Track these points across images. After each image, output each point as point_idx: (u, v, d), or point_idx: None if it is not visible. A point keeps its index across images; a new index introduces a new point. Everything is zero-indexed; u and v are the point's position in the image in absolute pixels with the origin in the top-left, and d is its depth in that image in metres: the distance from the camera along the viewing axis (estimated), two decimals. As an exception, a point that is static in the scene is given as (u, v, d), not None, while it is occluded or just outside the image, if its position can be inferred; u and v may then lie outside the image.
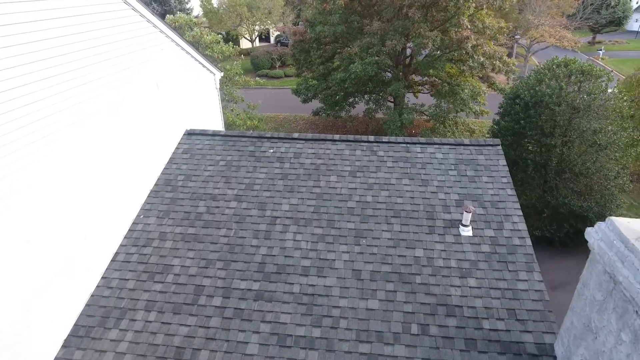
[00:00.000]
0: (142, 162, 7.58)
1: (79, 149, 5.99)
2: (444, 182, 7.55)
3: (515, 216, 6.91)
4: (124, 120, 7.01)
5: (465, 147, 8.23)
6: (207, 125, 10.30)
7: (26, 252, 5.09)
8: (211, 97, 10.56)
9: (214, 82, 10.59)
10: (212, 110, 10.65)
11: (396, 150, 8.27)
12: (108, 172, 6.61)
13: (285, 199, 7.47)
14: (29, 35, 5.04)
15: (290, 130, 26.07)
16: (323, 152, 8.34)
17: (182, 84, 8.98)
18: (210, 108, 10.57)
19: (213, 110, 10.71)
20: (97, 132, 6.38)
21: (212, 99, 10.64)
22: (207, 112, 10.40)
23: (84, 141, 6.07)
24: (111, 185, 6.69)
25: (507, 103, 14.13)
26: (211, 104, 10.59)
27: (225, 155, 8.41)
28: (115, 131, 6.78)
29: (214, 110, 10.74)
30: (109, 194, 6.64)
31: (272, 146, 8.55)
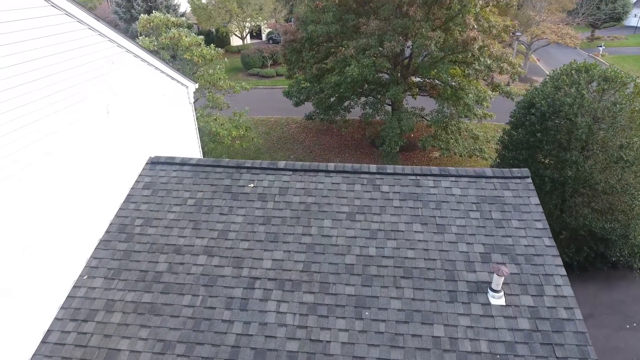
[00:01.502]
0: (90, 203, 6.04)
1: (6, 196, 4.47)
2: (464, 229, 6.09)
3: (558, 276, 5.47)
4: (62, 156, 5.47)
5: (487, 179, 6.77)
6: (179, 148, 8.76)
7: None
8: (184, 113, 9.01)
9: (187, 96, 9.03)
10: (185, 129, 9.10)
11: (404, 184, 6.79)
12: (44, 220, 5.08)
13: (268, 251, 5.97)
14: None
15: (282, 135, 24.54)
16: (315, 186, 6.84)
17: (144, 102, 7.42)
18: (183, 126, 9.02)
19: (186, 128, 9.16)
20: (29, 174, 4.84)
21: (185, 116, 9.08)
22: (179, 131, 8.85)
23: (11, 186, 4.53)
24: (47, 238, 5.16)
25: (521, 113, 12.68)
26: (184, 121, 9.03)
27: (195, 192, 6.88)
28: (51, 170, 5.24)
29: (187, 128, 9.19)
30: (44, 249, 5.11)
31: (252, 179, 7.03)
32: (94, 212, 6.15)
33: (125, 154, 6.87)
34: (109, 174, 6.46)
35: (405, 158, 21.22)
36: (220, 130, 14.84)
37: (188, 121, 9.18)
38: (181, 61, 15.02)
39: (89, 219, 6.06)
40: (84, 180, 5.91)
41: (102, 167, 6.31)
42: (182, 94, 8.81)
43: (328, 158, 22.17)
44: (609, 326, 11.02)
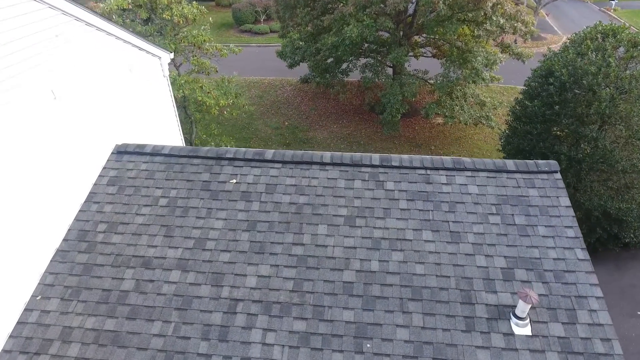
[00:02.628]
0: (44, 206, 5.08)
1: None
2: (482, 237, 5.20)
3: (593, 299, 4.65)
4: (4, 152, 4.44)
5: (509, 175, 5.80)
6: (155, 129, 7.67)
7: None
8: (158, 89, 7.83)
9: (161, 69, 7.81)
10: (160, 107, 7.95)
11: (411, 179, 5.81)
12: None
13: (252, 265, 5.09)
14: None
15: (276, 99, 23.12)
16: (308, 182, 5.86)
17: (105, 80, 6.25)
18: (158, 104, 7.87)
19: (162, 106, 8.02)
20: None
21: (160, 92, 7.91)
22: (154, 110, 7.72)
23: None
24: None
25: (537, 82, 11.47)
26: (158, 98, 7.88)
27: (168, 189, 5.90)
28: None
29: (163, 106, 8.05)
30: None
31: (234, 173, 6.03)
32: (48, 216, 5.20)
33: (84, 144, 5.82)
34: (65, 169, 5.45)
35: (406, 124, 20.06)
36: (207, 99, 13.57)
37: (164, 97, 8.02)
38: (161, 21, 13.47)
39: (43, 224, 5.12)
40: (33, 179, 4.90)
41: (56, 162, 5.28)
42: (155, 67, 7.59)
43: (325, 125, 20.98)
44: (619, 313, 10.51)
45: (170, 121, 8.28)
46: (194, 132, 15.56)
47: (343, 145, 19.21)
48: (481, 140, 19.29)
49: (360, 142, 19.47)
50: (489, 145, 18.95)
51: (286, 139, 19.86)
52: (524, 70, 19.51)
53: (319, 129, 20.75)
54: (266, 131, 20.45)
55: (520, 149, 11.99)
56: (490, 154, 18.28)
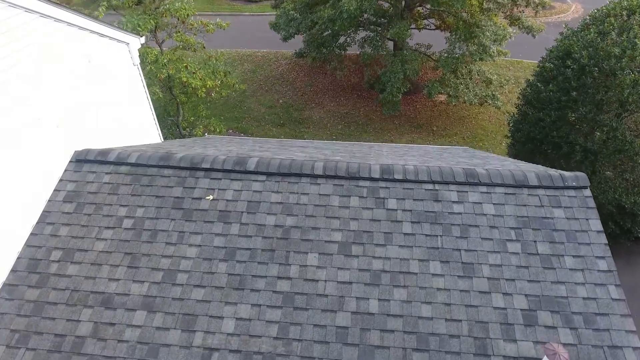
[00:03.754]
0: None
1: None
2: (500, 270, 4.44)
3: (629, 350, 3.95)
4: None
5: (530, 191, 4.98)
6: (126, 126, 6.76)
7: None
8: (127, 79, 6.85)
9: (130, 56, 6.80)
10: (131, 99, 7.00)
11: (417, 196, 4.99)
12: None
13: (230, 305, 4.35)
14: None
15: (270, 74, 21.86)
16: (296, 200, 5.04)
17: (56, 75, 5.30)
18: (128, 96, 6.92)
19: (133, 98, 7.06)
20: None
21: (130, 82, 6.94)
22: (123, 104, 6.77)
23: None
24: None
25: (554, 64, 10.43)
26: (128, 89, 6.91)
27: (134, 207, 5.07)
28: None
29: (134, 97, 7.09)
30: None
31: (211, 188, 5.19)
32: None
33: (35, 152, 4.95)
34: (13, 184, 4.61)
35: (407, 102, 19.00)
36: (193, 81, 12.50)
37: (135, 88, 7.05)
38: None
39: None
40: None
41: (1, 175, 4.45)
42: (121, 55, 6.59)
43: (321, 103, 19.90)
44: (629, 313, 9.99)
45: (144, 114, 7.35)
46: (181, 114, 14.55)
47: (340, 126, 18.24)
48: (486, 121, 18.32)
49: (358, 122, 18.49)
50: (493, 126, 18.00)
51: (280, 118, 18.84)
52: (530, 42, 18.29)
53: (315, 107, 19.69)
54: (259, 110, 19.39)
55: (530, 137, 11.11)
56: (495, 135, 17.38)
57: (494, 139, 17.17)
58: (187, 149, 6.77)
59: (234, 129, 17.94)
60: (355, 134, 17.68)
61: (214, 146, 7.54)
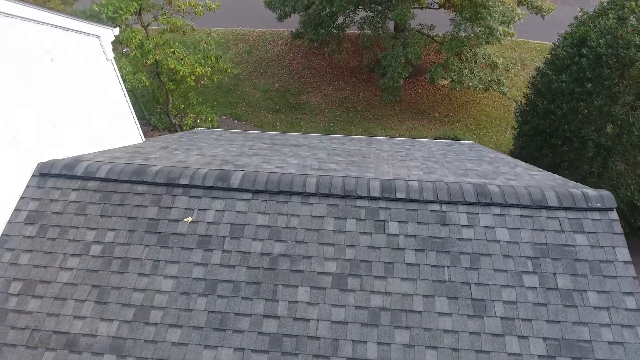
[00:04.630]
0: None
1: None
2: (515, 308, 3.93)
3: (663, 405, 3.49)
4: None
5: (549, 212, 4.42)
6: (98, 130, 6.13)
7: None
8: (99, 75, 6.18)
9: (102, 50, 6.10)
10: (105, 97, 6.35)
11: (422, 219, 4.43)
12: None
13: (210, 349, 3.85)
14: None
15: (265, 55, 20.90)
16: (286, 222, 4.48)
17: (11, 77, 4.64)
18: (101, 94, 6.26)
19: (108, 95, 6.40)
20: None
21: (103, 78, 6.27)
22: (96, 103, 6.12)
23: None
24: None
25: (567, 52, 9.69)
26: (101, 86, 6.25)
27: (104, 230, 4.51)
28: None
29: (109, 95, 6.43)
30: None
31: (190, 207, 4.61)
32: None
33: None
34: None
35: (408, 86, 18.20)
36: (181, 68, 11.72)
37: (109, 85, 6.38)
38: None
39: None
40: None
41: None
42: (92, 49, 5.89)
43: (319, 86, 19.09)
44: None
45: (121, 112, 6.69)
46: (170, 102, 13.82)
47: (338, 112, 17.52)
48: (490, 106, 17.58)
49: (357, 108, 17.75)
50: (498, 112, 17.29)
51: (276, 104, 18.08)
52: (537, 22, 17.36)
53: (313, 91, 18.89)
54: (254, 95, 18.60)
55: (539, 130, 10.48)
56: (500, 122, 16.70)
57: (499, 126, 16.50)
58: (168, 153, 6.17)
59: (228, 115, 17.20)
60: (353, 120, 16.98)
61: (199, 148, 6.92)
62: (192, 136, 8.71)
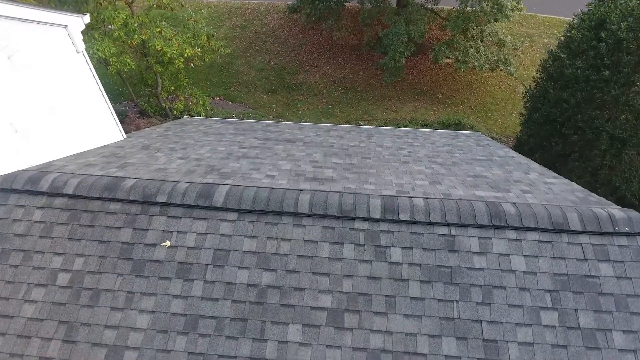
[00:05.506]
0: None
1: None
2: (531, 350, 3.51)
3: None
4: None
5: (571, 237, 3.94)
6: (69, 131, 5.55)
7: None
8: (70, 71, 5.55)
9: (71, 41, 5.45)
10: (76, 96, 5.74)
11: (428, 244, 3.95)
12: None
13: (190, 397, 3.45)
14: None
15: (261, 30, 19.87)
16: (275, 248, 4.00)
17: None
18: (72, 92, 5.65)
19: (79, 93, 5.80)
20: None
21: (74, 74, 5.64)
22: (65, 105, 5.52)
23: None
24: None
25: (583, 35, 8.95)
26: (72, 84, 5.63)
27: (73, 256, 4.04)
28: None
29: (81, 92, 5.82)
30: None
31: (168, 230, 4.12)
32: None
33: None
34: None
35: (410, 65, 17.35)
36: (168, 49, 10.94)
37: (81, 79, 5.76)
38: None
39: None
40: None
41: None
42: (59, 42, 5.24)
43: (317, 65, 18.23)
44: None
45: (97, 108, 6.10)
46: (159, 84, 13.08)
47: (337, 93, 16.76)
48: (495, 87, 16.82)
49: (357, 88, 16.97)
50: (503, 93, 16.55)
51: (272, 84, 17.28)
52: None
53: (310, 70, 18.05)
54: (249, 74, 17.75)
55: (550, 119, 9.87)
56: (505, 104, 16.00)
57: (504, 108, 15.81)
58: (149, 156, 5.62)
59: (222, 96, 16.45)
60: (352, 102, 16.25)
61: (184, 146, 6.36)
62: (179, 129, 8.12)
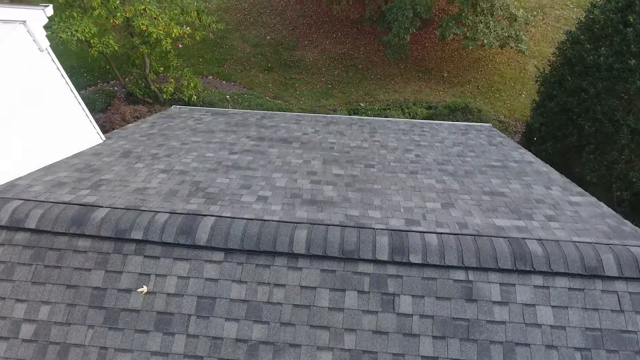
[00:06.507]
0: None
1: None
2: (559, 422, 3.09)
3: None
4: None
5: (605, 284, 3.44)
6: (37, 140, 4.94)
7: None
8: (33, 73, 4.87)
9: (32, 39, 4.74)
10: (43, 99, 5.08)
11: (441, 292, 3.46)
12: None
13: None
14: None
15: (256, 1, 18.67)
16: (267, 295, 3.50)
17: None
18: (37, 96, 4.99)
19: (46, 96, 5.14)
20: None
21: (38, 75, 4.96)
22: (29, 111, 4.87)
23: None
24: None
25: (609, 18, 8.12)
26: (37, 86, 4.96)
27: (37, 304, 3.54)
28: None
29: (48, 95, 5.16)
30: None
31: (145, 272, 3.60)
32: None
33: None
34: None
35: (414, 40, 16.36)
36: (154, 30, 10.07)
37: (47, 80, 5.09)
38: None
39: None
40: None
41: None
42: (16, 40, 4.54)
43: (315, 40, 17.22)
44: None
45: (70, 111, 5.46)
46: (147, 65, 12.23)
47: (337, 71, 15.87)
48: (504, 64, 15.93)
49: (357, 66, 16.07)
50: (513, 71, 15.69)
51: (268, 60, 16.34)
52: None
53: (309, 45, 17.05)
54: (243, 50, 16.77)
55: (565, 108, 9.19)
56: (514, 84, 15.18)
57: (513, 88, 15.01)
58: (127, 169, 5.04)
59: (215, 75, 15.56)
60: (353, 81, 15.40)
61: (168, 152, 5.76)
62: (166, 124, 7.47)
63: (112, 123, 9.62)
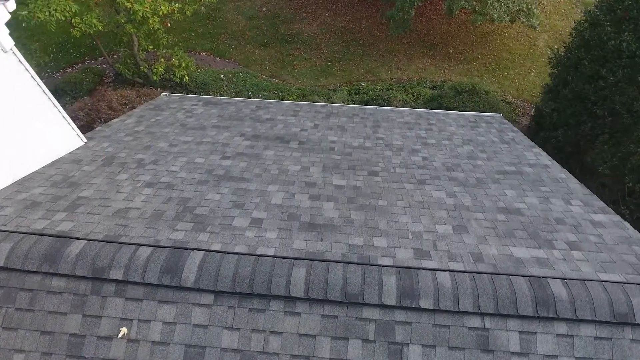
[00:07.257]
0: None
1: None
2: None
3: None
4: None
5: (635, 332, 3.11)
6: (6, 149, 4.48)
7: None
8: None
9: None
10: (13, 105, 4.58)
11: (455, 341, 3.13)
12: None
13: None
14: None
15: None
16: (262, 344, 3.16)
17: None
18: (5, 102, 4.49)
19: (17, 101, 4.63)
20: None
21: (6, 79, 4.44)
22: None
23: None
24: None
25: (631, 3, 7.42)
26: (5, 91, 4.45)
27: (10, 352, 3.21)
28: None
29: (16, 99, 4.66)
30: None
31: (127, 317, 3.25)
32: None
33: None
34: None
35: (418, 13, 15.46)
36: (140, 8, 9.30)
37: (16, 83, 4.58)
38: None
39: None
40: None
41: None
42: (-27, 43, 3.98)
43: (314, 11, 16.27)
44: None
45: (43, 114, 4.97)
46: (136, 44, 11.47)
47: (337, 47, 15.05)
48: (513, 39, 15.12)
49: (359, 40, 15.23)
50: (522, 47, 14.90)
51: (264, 34, 15.48)
52: None
53: (307, 17, 16.12)
54: (238, 23, 15.86)
55: (580, 97, 8.64)
56: (524, 61, 14.44)
57: (522, 66, 14.28)
58: (109, 182, 4.61)
59: (208, 51, 14.75)
60: (354, 58, 14.63)
61: (155, 156, 5.30)
62: (154, 118, 6.96)
63: (99, 111, 9.06)
